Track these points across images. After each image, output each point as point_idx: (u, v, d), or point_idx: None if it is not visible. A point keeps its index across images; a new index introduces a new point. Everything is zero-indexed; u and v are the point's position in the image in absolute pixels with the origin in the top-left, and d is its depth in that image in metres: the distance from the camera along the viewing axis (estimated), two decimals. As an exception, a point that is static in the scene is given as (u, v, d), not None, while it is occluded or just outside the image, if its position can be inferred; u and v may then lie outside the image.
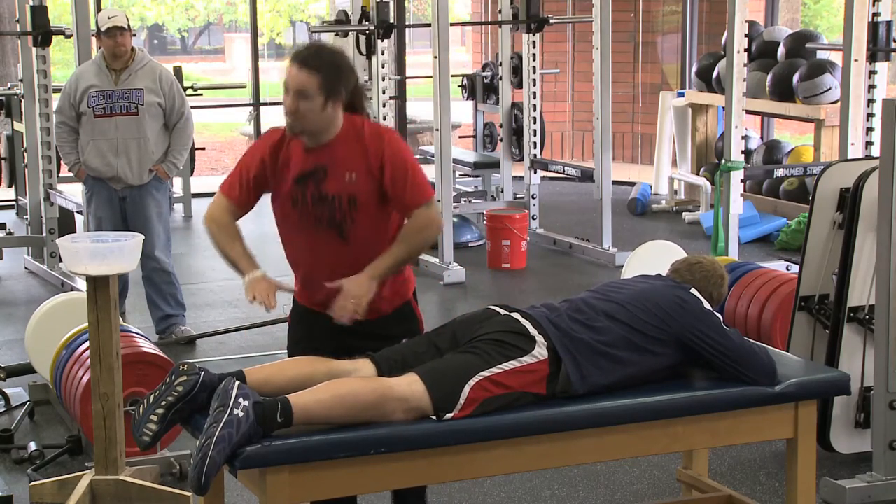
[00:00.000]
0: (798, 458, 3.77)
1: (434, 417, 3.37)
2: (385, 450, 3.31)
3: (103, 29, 6.62)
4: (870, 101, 7.49)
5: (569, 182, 11.85)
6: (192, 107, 7.03)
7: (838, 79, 8.70)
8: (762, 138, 11.29)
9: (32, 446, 5.19)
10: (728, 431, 3.73)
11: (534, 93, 9.82)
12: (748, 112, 8.58)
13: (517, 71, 10.14)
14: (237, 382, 3.26)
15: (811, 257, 5.07)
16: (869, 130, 7.50)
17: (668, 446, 3.77)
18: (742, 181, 7.38)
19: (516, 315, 3.60)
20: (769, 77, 10.02)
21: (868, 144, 7.47)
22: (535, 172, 9.84)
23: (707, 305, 3.74)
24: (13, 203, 10.72)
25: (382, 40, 8.75)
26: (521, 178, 10.10)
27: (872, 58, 7.50)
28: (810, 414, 3.77)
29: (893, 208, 4.52)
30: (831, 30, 17.05)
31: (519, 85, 10.13)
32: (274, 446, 3.21)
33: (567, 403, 3.51)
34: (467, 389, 3.38)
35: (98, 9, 11.05)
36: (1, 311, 7.77)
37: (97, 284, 4.19)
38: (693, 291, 3.76)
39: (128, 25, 6.68)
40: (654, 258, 6.43)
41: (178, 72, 10.10)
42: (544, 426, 3.47)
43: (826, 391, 4.06)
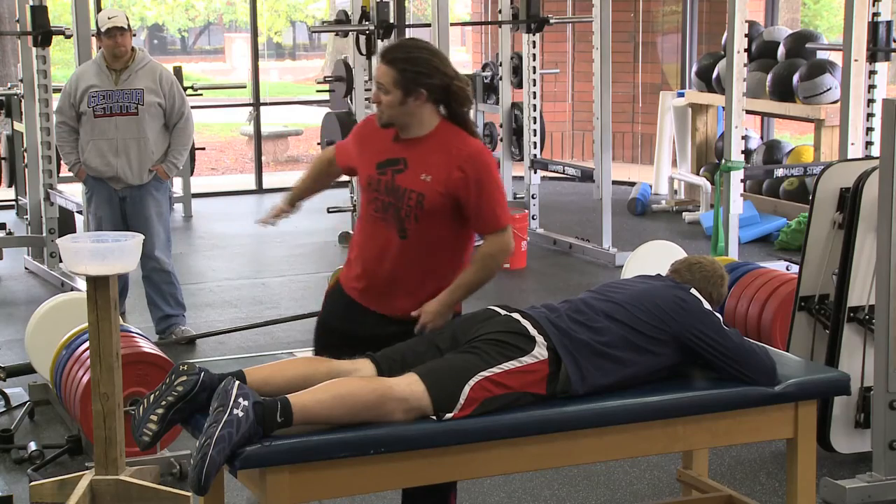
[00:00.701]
0: (798, 458, 3.77)
1: (434, 417, 3.37)
2: (385, 450, 3.31)
3: (103, 29, 6.62)
4: (870, 101, 7.49)
5: (569, 182, 11.86)
6: (192, 107, 7.03)
7: (838, 79, 8.70)
8: (762, 138, 11.28)
9: (32, 446, 5.19)
10: (728, 431, 3.73)
11: (534, 93, 9.83)
12: (748, 112, 8.59)
13: (517, 71, 10.14)
14: (237, 382, 3.26)
15: (811, 257, 5.07)
16: (869, 130, 7.49)
17: (668, 446, 3.78)
18: (742, 181, 7.37)
19: (516, 315, 3.60)
20: (769, 77, 10.02)
21: (868, 144, 7.47)
22: (535, 172, 9.84)
23: (707, 305, 3.74)
24: (13, 203, 10.71)
25: (382, 40, 8.75)
26: (521, 178, 10.10)
27: (872, 58, 7.50)
28: (810, 414, 3.77)
29: (893, 208, 4.52)
30: (831, 30, 17.04)
31: (519, 85, 10.14)
32: (274, 446, 3.21)
33: (567, 403, 3.51)
34: (467, 389, 3.39)
35: (98, 9, 11.06)
36: (1, 311, 7.77)
37: (97, 284, 4.19)
38: (693, 291, 3.76)
39: (128, 25, 6.68)
40: (654, 258, 6.43)
41: (178, 72, 10.10)
42: (544, 426, 3.47)
43: (826, 391, 4.07)
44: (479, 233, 3.73)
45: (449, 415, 3.37)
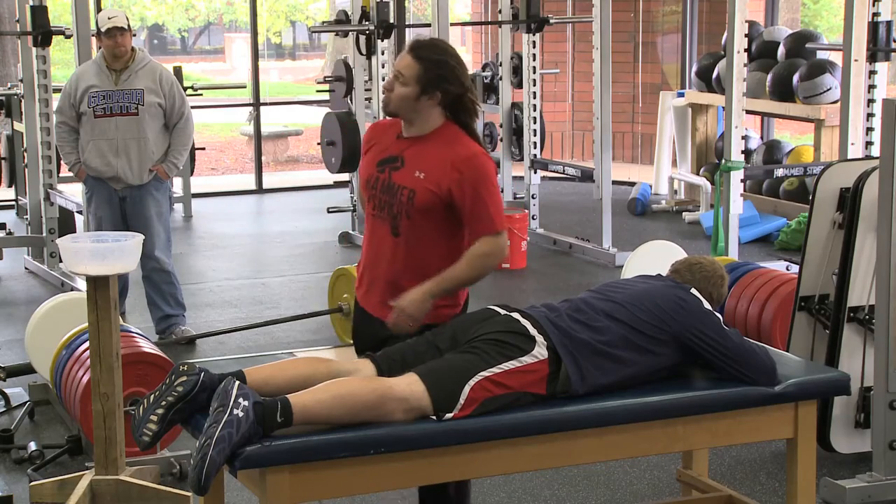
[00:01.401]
0: (798, 458, 3.77)
1: (434, 417, 3.37)
2: (385, 450, 3.31)
3: (103, 29, 6.62)
4: (870, 101, 7.49)
5: (569, 182, 11.85)
6: (192, 107, 7.03)
7: (838, 79, 8.70)
8: (762, 138, 11.28)
9: (32, 446, 5.19)
10: (728, 431, 3.73)
11: (534, 93, 9.82)
12: (748, 112, 8.59)
13: (517, 71, 10.14)
14: (237, 382, 3.26)
15: (811, 257, 5.07)
16: (869, 130, 7.49)
17: (668, 446, 3.78)
18: (742, 181, 7.37)
19: (516, 315, 3.60)
20: (769, 77, 10.02)
21: (868, 144, 7.47)
22: (535, 172, 9.84)
23: (707, 305, 3.74)
24: (13, 203, 10.71)
25: (382, 40, 8.76)
26: (521, 178, 10.10)
27: (872, 58, 7.50)
28: (810, 414, 3.77)
29: (893, 208, 4.52)
30: (831, 30, 17.04)
31: (519, 85, 10.14)
32: (274, 446, 3.21)
33: (567, 403, 3.51)
34: (467, 389, 3.39)
35: (98, 9, 11.06)
36: (1, 311, 7.77)
37: (97, 284, 4.19)
38: (693, 291, 3.76)
39: (128, 26, 6.67)
40: (654, 258, 6.43)
41: (178, 72, 10.10)
42: (544, 426, 3.47)
43: (826, 391, 4.07)
44: (474, 235, 3.68)
45: (449, 415, 3.37)
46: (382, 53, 8.82)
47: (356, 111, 9.42)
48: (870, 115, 7.47)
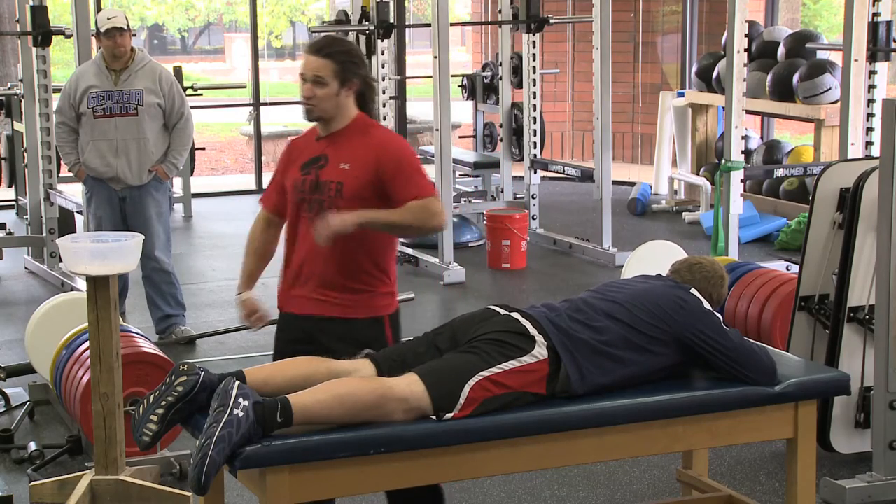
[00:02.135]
0: (798, 458, 3.77)
1: (434, 417, 3.37)
2: (385, 450, 3.31)
3: (103, 30, 6.62)
4: (870, 101, 7.48)
5: (569, 182, 11.85)
6: (192, 107, 7.03)
7: (838, 79, 8.70)
8: (762, 138, 11.29)
9: (32, 446, 5.19)
10: (728, 431, 3.73)
11: (534, 93, 9.82)
12: (748, 112, 8.59)
13: (517, 71, 10.14)
14: (237, 382, 3.26)
15: (811, 257, 5.07)
16: (869, 130, 7.49)
17: (668, 446, 3.78)
18: (742, 181, 7.37)
19: (516, 315, 3.60)
20: (769, 77, 10.02)
21: (868, 144, 7.47)
22: (535, 172, 9.84)
23: (707, 305, 3.74)
24: (13, 203, 10.71)
25: (382, 40, 8.76)
26: (521, 178, 10.09)
27: (872, 58, 7.50)
28: (810, 414, 3.77)
29: (893, 208, 4.52)
30: (831, 30, 17.05)
31: (519, 85, 10.13)
32: (274, 446, 3.21)
33: (567, 403, 3.51)
34: (467, 389, 3.39)
35: (98, 9, 11.05)
36: (1, 311, 7.77)
37: (97, 284, 4.19)
38: (693, 291, 3.76)
39: (127, 26, 6.67)
40: (654, 258, 6.43)
41: (178, 72, 10.10)
42: (544, 426, 3.47)
43: (826, 391, 4.06)
44: (405, 201, 3.69)
45: (449, 415, 3.37)
46: (382, 53, 8.82)
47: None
48: (870, 115, 7.47)
